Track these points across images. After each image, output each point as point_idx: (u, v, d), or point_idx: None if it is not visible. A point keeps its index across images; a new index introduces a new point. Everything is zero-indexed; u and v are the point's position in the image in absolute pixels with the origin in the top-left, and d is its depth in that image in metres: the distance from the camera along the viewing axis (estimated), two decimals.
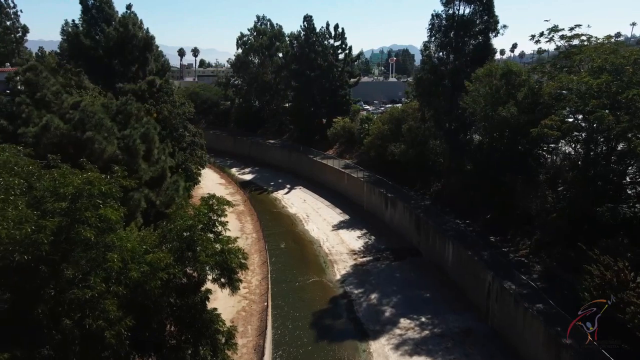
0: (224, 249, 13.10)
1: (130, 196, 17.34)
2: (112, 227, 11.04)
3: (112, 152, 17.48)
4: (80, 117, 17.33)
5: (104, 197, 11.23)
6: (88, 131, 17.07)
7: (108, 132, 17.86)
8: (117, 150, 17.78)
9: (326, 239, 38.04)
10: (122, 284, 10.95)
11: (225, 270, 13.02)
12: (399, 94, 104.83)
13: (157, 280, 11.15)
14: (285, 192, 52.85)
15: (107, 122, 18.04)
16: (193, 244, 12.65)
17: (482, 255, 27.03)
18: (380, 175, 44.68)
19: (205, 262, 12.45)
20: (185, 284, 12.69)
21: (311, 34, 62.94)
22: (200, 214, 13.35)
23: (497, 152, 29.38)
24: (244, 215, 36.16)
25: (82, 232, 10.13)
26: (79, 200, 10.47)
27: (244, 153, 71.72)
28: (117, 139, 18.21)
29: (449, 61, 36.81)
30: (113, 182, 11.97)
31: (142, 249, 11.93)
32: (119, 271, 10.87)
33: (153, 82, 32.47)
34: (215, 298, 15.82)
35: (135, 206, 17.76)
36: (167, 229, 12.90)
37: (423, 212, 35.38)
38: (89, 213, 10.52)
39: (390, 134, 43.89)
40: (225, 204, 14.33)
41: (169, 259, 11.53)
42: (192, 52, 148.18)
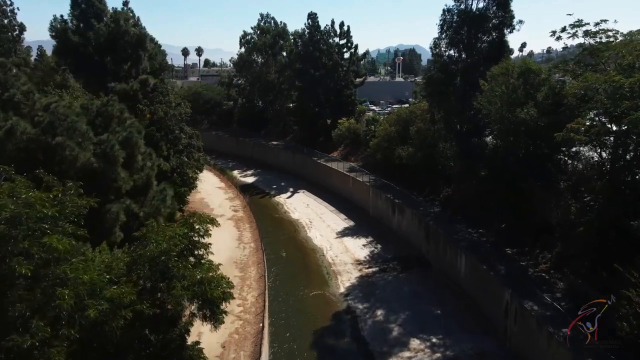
0: (204, 279, 11.07)
1: (106, 209, 15.46)
2: (61, 257, 9.07)
3: (86, 159, 15.55)
4: (50, 120, 15.47)
5: (54, 220, 9.28)
6: (59, 136, 15.20)
7: (82, 137, 15.94)
8: (92, 158, 15.85)
9: (330, 247, 35.99)
10: (77, 325, 8.99)
11: (207, 303, 11.02)
12: (405, 94, 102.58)
13: (119, 319, 9.19)
14: (287, 196, 50.84)
15: (82, 126, 16.12)
16: (167, 273, 10.66)
17: (499, 269, 24.88)
18: (387, 179, 42.58)
19: (181, 296, 10.45)
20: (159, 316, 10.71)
21: (316, 32, 60.92)
22: (176, 236, 11.32)
23: (514, 157, 27.20)
24: (242, 222, 34.21)
25: (16, 267, 8.19)
26: (15, 227, 8.54)
27: (246, 154, 69.83)
28: (93, 144, 16.31)
29: (461, 59, 34.69)
30: (67, 201, 10.00)
31: (105, 280, 9.96)
32: (73, 310, 8.91)
33: (146, 82, 30.59)
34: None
35: (113, 220, 15.86)
36: (137, 254, 10.92)
37: (432, 220, 33.25)
38: (29, 242, 8.58)
39: (398, 136, 41.80)
40: (208, 222, 12.32)
41: (131, 294, 9.55)
42: (196, 52, 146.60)
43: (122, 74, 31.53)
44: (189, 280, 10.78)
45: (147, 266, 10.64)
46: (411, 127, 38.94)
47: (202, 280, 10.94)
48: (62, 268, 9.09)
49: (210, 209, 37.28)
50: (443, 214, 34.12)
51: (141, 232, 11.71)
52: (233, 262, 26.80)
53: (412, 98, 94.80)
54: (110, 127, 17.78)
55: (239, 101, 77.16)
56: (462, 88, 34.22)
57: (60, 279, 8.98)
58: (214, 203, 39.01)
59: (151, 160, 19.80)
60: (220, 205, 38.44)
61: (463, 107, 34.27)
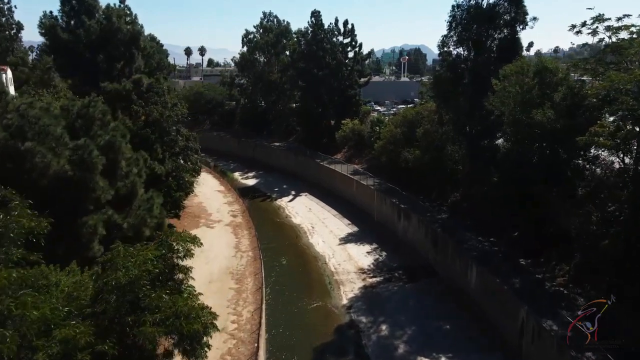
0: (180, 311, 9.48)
1: (82, 222, 13.97)
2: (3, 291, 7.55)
3: (60, 167, 14.06)
4: (19, 124, 13.97)
5: None
6: (29, 141, 13.72)
7: (57, 142, 14.46)
8: (67, 165, 14.34)
9: (332, 255, 34.38)
10: None
11: (184, 338, 9.44)
12: (411, 94, 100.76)
13: None
14: (289, 200, 49.27)
15: (56, 130, 14.61)
16: (138, 304, 9.10)
17: (513, 282, 23.18)
18: (392, 183, 40.90)
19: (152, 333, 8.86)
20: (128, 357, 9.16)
21: (319, 31, 59.31)
22: (148, 262, 9.75)
23: (528, 161, 25.49)
24: (241, 228, 32.67)
25: None
26: None
27: (248, 156, 68.32)
28: (68, 150, 14.81)
29: (470, 57, 33.01)
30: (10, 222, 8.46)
31: (62, 314, 8.42)
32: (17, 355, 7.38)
33: (139, 82, 29.10)
34: None
35: (90, 234, 14.37)
36: (103, 282, 9.37)
37: (440, 227, 31.57)
38: None
39: (404, 138, 40.12)
40: (190, 241, 10.75)
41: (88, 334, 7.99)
42: (199, 51, 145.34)
43: (115, 73, 30.06)
44: (163, 313, 9.22)
45: (114, 296, 9.10)
46: (417, 128, 37.27)
47: (179, 313, 9.36)
48: (5, 303, 7.58)
49: (208, 214, 35.78)
50: (451, 221, 32.42)
51: (105, 258, 10.16)
52: (229, 272, 25.26)
53: (417, 98, 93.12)
54: (92, 130, 16.28)
55: (241, 101, 75.67)
56: (471, 88, 32.54)
57: (2, 317, 7.47)
58: (212, 207, 37.50)
59: (138, 166, 18.29)
60: (218, 209, 36.92)
61: (472, 108, 32.61)
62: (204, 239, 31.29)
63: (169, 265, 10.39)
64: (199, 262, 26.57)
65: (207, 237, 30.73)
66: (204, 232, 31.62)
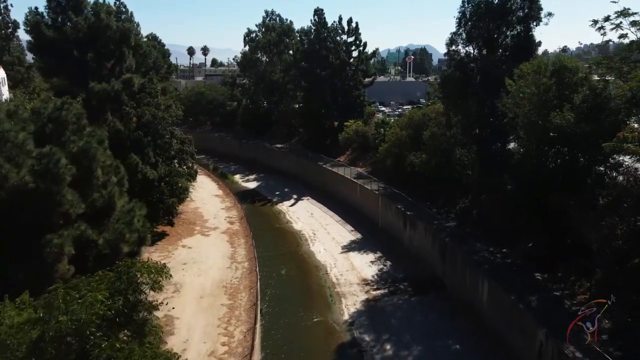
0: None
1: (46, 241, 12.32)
2: None
3: (19, 178, 12.43)
4: None
5: None
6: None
7: (18, 150, 12.84)
8: (28, 176, 12.70)
9: (334, 264, 32.62)
10: None
11: None
12: (417, 94, 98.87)
13: None
14: (291, 204, 47.57)
15: (17, 136, 12.95)
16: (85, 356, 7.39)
17: (529, 300, 21.30)
18: (397, 187, 39.12)
19: None
20: None
21: (322, 29, 57.60)
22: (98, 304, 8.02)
23: (545, 168, 23.64)
24: (237, 236, 30.97)
25: None
26: None
27: (249, 157, 66.72)
28: (31, 159, 13.19)
29: (481, 56, 31.13)
30: None
31: None
32: None
33: (130, 82, 27.49)
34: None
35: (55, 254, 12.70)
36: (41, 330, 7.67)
37: (448, 236, 29.72)
38: None
39: (410, 141, 38.32)
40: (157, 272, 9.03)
41: None
42: (202, 51, 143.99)
43: (104, 73, 28.44)
44: None
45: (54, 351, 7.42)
46: (424, 131, 35.41)
47: None
48: None
49: (204, 220, 34.12)
50: (460, 230, 30.57)
51: (41, 301, 8.44)
52: (222, 285, 23.57)
53: (423, 99, 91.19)
54: (64, 136, 14.67)
55: (243, 102, 74.07)
56: (481, 89, 30.70)
57: None
58: (208, 213, 35.84)
59: (118, 174, 16.63)
60: (215, 216, 35.25)
61: (483, 110, 30.80)
62: (198, 248, 29.77)
63: (130, 303, 8.67)
64: (191, 274, 24.98)
65: (202, 246, 29.14)
66: (198, 240, 29.95)
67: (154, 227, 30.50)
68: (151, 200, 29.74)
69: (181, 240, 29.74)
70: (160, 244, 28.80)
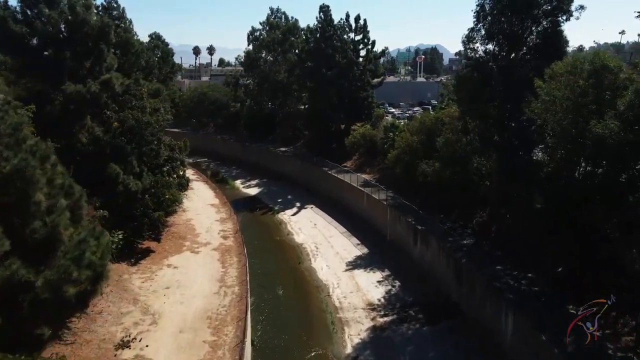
0: None
1: None
2: None
3: None
4: None
5: None
6: None
7: None
8: None
9: (337, 284, 29.57)
10: None
11: None
12: (427, 95, 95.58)
13: None
14: (293, 213, 44.59)
15: None
16: None
17: (563, 342, 18.04)
18: (408, 197, 36.01)
19: None
20: None
21: (328, 27, 54.53)
22: None
23: (580, 182, 20.39)
24: (230, 254, 28.02)
25: None
26: None
27: (252, 161, 63.87)
28: None
29: (502, 55, 27.86)
30: None
31: None
32: None
33: (109, 83, 24.66)
34: None
35: None
36: None
37: (465, 256, 26.54)
38: None
39: (421, 148, 35.12)
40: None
41: None
42: (207, 51, 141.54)
43: (82, 73, 25.65)
44: None
45: None
46: (438, 137, 32.19)
47: None
48: None
49: (195, 235, 31.24)
50: (478, 248, 27.36)
51: None
52: (207, 316, 20.62)
53: (435, 100, 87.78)
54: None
55: (247, 103, 71.21)
56: (503, 90, 27.48)
57: None
58: (201, 226, 32.95)
59: (70, 197, 13.75)
60: (208, 229, 32.35)
61: (503, 115, 27.61)
62: (185, 267, 26.75)
63: None
64: (173, 301, 22.07)
65: (190, 266, 26.23)
66: (186, 259, 27.07)
67: (138, 243, 27.73)
68: (135, 214, 26.99)
69: (167, 258, 26.87)
70: (143, 263, 25.95)
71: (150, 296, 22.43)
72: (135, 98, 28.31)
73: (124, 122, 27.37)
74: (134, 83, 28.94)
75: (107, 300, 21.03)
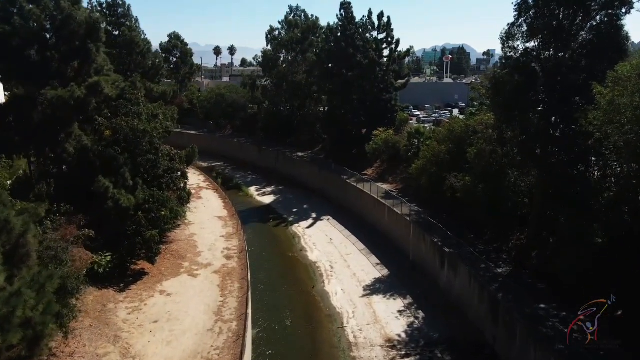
0: None
1: None
2: None
3: None
4: None
5: None
6: None
7: None
8: None
9: (353, 313, 26.18)
10: None
11: None
12: (455, 96, 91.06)
13: None
14: (308, 225, 41.36)
15: None
16: None
17: None
18: (433, 212, 32.55)
19: None
20: None
21: (349, 25, 51.13)
22: None
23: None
24: (231, 279, 24.93)
25: None
26: None
27: (269, 166, 60.94)
28: None
29: (548, 55, 24.00)
30: None
31: None
32: None
33: (96, 87, 21.89)
34: None
35: None
36: None
37: (501, 288, 22.80)
38: None
39: (450, 159, 31.44)
40: None
41: None
42: (228, 51, 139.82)
43: (70, 75, 23.01)
44: None
45: None
46: (469, 147, 28.48)
47: None
48: None
49: (196, 253, 28.33)
50: (516, 279, 23.57)
51: None
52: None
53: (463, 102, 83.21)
54: None
55: (264, 105, 68.35)
56: (548, 96, 23.69)
57: None
58: (204, 243, 30.04)
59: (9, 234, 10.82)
60: (211, 247, 29.42)
61: (549, 124, 23.81)
62: (179, 295, 23.40)
63: None
64: (160, 339, 19.08)
65: (185, 294, 23.23)
66: (182, 284, 24.12)
67: (131, 264, 24.94)
68: (127, 232, 24.17)
69: (162, 282, 23.99)
70: (133, 289, 23.11)
71: (135, 332, 19.50)
72: (130, 103, 25.50)
73: (117, 130, 24.60)
74: (130, 86, 26.15)
75: (83, 338, 18.17)
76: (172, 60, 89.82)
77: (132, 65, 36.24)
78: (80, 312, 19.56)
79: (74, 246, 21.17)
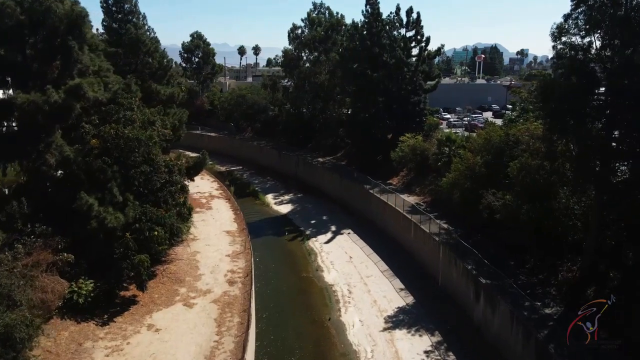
0: None
1: None
2: None
3: None
4: None
5: None
6: None
7: None
8: None
9: (371, 353, 22.62)
10: None
11: None
12: (488, 98, 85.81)
13: None
14: (326, 240, 37.94)
15: None
16: None
17: None
18: (466, 232, 28.69)
19: None
20: None
21: (375, 22, 47.30)
22: None
23: None
24: (232, 310, 21.67)
25: None
26: None
27: (289, 172, 57.81)
28: None
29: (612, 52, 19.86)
30: None
31: None
32: None
33: (77, 90, 19.07)
34: None
35: None
36: None
37: (552, 336, 18.81)
38: None
39: (486, 172, 27.44)
40: None
41: None
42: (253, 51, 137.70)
43: (52, 77, 20.24)
44: None
45: None
46: (511, 163, 24.49)
47: None
48: None
49: (196, 276, 25.27)
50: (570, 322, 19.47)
51: None
52: None
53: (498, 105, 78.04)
54: None
55: (285, 107, 65.27)
56: (612, 102, 19.59)
57: None
58: (207, 263, 26.97)
59: None
60: (214, 269, 26.31)
61: (611, 136, 19.72)
62: (169, 331, 17.92)
63: None
64: None
65: (176, 329, 20.10)
66: (174, 316, 21.03)
67: (120, 290, 22.05)
68: (114, 256, 21.25)
69: (151, 314, 20.99)
70: (118, 321, 20.16)
71: None
72: (122, 108, 22.61)
73: (106, 139, 21.74)
74: (123, 89, 23.28)
75: None
76: (194, 60, 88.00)
77: (139, 66, 33.46)
78: (49, 354, 16.76)
79: (47, 274, 18.42)
